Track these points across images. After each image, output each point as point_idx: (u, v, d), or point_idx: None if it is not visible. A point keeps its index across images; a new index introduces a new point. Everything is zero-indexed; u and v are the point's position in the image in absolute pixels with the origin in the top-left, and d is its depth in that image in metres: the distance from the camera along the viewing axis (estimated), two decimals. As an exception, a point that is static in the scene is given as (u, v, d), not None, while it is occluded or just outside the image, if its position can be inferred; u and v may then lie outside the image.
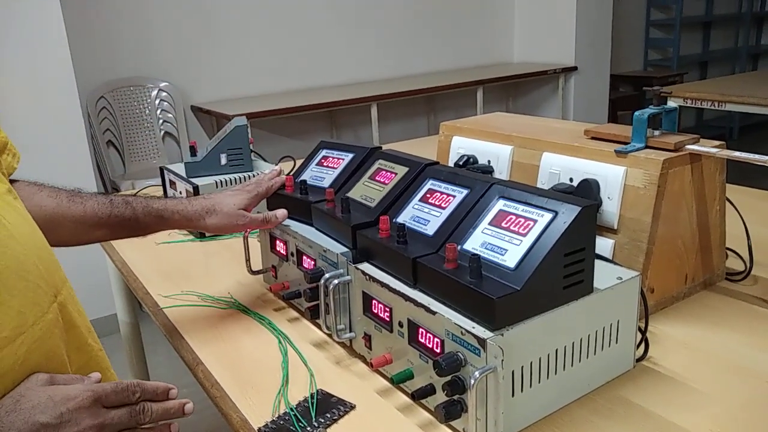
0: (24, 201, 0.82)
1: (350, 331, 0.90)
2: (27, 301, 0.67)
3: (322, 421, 0.75)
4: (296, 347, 0.92)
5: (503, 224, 0.76)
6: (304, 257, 0.98)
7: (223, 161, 1.42)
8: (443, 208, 0.84)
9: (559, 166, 1.03)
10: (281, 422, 0.75)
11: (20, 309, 0.65)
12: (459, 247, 0.77)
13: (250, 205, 1.02)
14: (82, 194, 0.95)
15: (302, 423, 0.75)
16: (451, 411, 0.69)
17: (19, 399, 0.62)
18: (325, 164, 1.11)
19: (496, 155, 1.15)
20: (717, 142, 0.97)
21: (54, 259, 0.75)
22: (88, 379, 0.69)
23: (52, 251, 0.76)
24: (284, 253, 1.05)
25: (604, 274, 0.78)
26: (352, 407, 0.78)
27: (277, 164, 1.58)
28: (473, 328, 0.68)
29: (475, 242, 0.77)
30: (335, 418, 0.76)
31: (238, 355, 0.92)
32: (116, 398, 0.66)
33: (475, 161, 1.18)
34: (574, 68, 4.43)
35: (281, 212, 1.03)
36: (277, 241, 1.07)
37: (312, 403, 0.78)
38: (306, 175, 1.11)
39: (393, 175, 0.97)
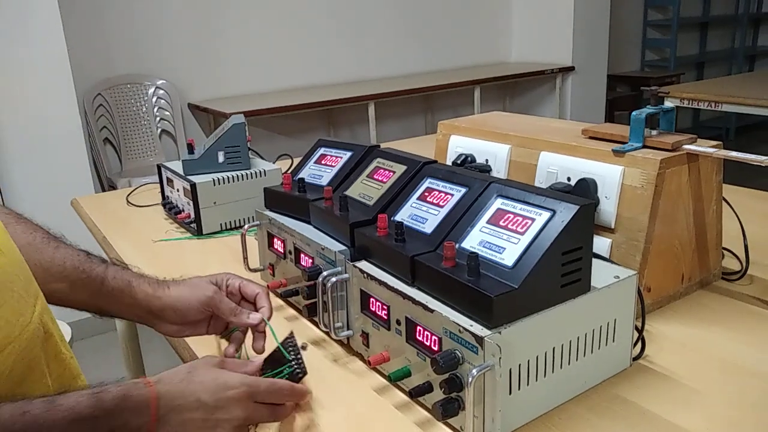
0: None
1: (348, 329, 0.90)
2: (13, 312, 0.66)
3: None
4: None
5: (501, 223, 0.76)
6: (302, 255, 0.99)
7: (221, 159, 1.42)
8: (441, 207, 0.84)
9: (557, 166, 1.03)
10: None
11: (8, 319, 0.65)
12: (457, 246, 0.77)
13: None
14: (60, 240, 0.85)
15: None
16: (449, 409, 0.69)
17: (191, 371, 0.70)
18: (323, 162, 1.11)
19: (494, 154, 1.15)
20: (714, 142, 0.98)
21: (29, 270, 0.74)
22: (251, 364, 0.76)
23: (25, 262, 0.75)
24: (282, 250, 1.05)
25: (601, 273, 0.79)
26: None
27: (274, 162, 1.58)
28: (471, 326, 0.68)
29: (473, 240, 0.77)
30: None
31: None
32: (268, 397, 0.72)
33: (473, 160, 1.18)
34: (572, 68, 4.44)
35: (257, 315, 0.85)
36: (275, 239, 1.07)
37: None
38: (304, 173, 1.11)
39: (391, 173, 0.97)
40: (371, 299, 0.83)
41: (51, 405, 0.60)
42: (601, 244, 0.96)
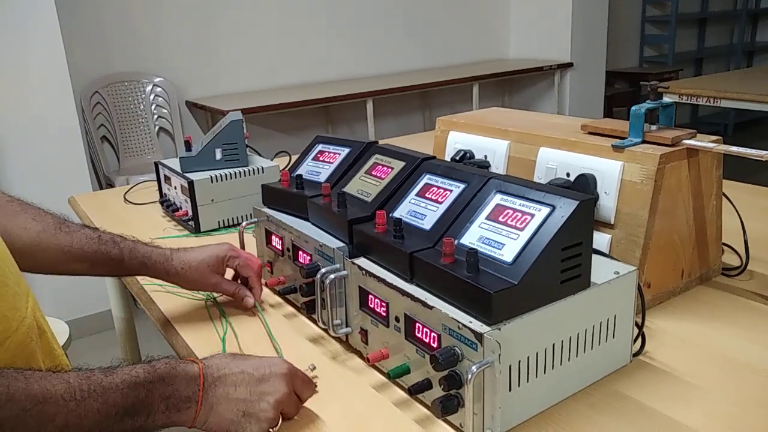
0: (4, 218, 0.83)
1: (346, 327, 0.89)
2: (9, 306, 0.67)
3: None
4: (276, 342, 0.92)
5: (500, 218, 0.76)
6: (300, 252, 0.98)
7: (219, 156, 1.41)
8: (440, 203, 0.84)
9: (556, 161, 1.02)
10: None
11: (5, 313, 0.66)
12: (456, 242, 0.76)
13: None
14: (69, 224, 0.93)
15: None
16: (448, 406, 0.69)
17: (236, 354, 0.75)
18: (321, 159, 1.11)
19: (493, 150, 1.15)
20: (714, 137, 0.97)
21: (17, 267, 0.75)
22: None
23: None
24: (280, 248, 1.04)
25: (601, 269, 0.78)
26: None
27: (272, 159, 1.58)
28: (470, 322, 0.67)
29: (472, 237, 0.76)
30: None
31: (234, 350, 0.91)
32: (300, 386, 0.75)
33: (472, 156, 1.18)
34: (570, 64, 4.43)
35: (251, 300, 1.02)
36: (273, 236, 1.06)
37: None
38: (302, 170, 1.11)
39: (389, 169, 0.96)
40: (370, 296, 0.83)
41: (110, 371, 0.64)
42: (600, 239, 0.95)
